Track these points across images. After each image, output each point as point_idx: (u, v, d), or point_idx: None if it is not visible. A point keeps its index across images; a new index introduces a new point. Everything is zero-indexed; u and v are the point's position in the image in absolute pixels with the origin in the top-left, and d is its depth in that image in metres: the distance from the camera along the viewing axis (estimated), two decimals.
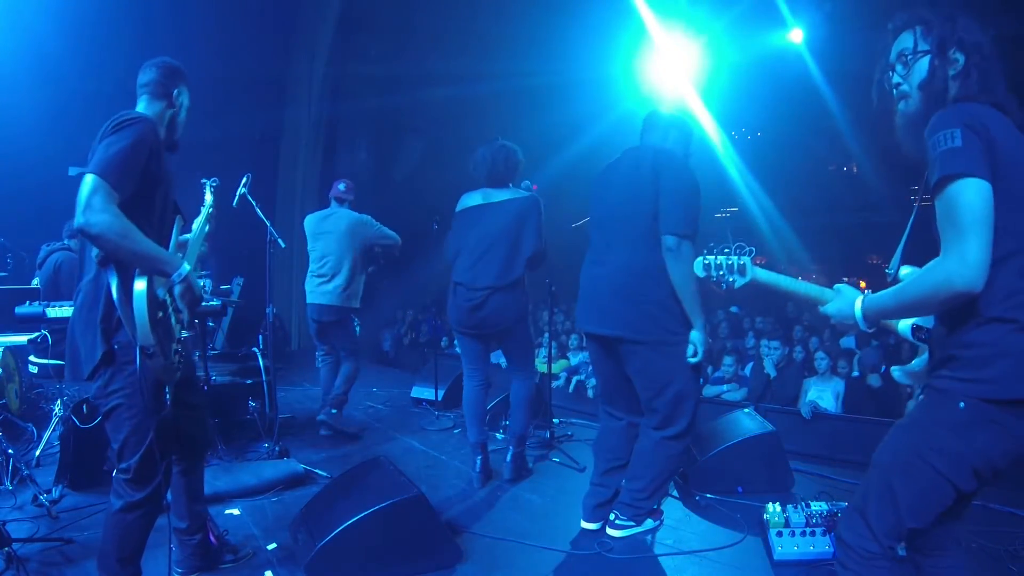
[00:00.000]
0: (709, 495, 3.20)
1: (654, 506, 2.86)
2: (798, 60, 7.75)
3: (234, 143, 6.67)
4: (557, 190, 6.21)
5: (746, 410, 3.80)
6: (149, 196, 1.92)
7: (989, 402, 1.35)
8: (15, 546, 2.32)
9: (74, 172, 1.77)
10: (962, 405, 1.37)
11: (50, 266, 4.46)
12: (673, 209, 2.50)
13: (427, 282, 8.23)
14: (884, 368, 5.28)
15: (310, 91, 8.82)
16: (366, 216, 4.37)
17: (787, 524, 2.62)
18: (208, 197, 2.40)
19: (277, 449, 3.69)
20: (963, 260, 1.30)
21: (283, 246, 3.82)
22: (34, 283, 4.86)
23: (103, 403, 1.93)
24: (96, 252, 1.87)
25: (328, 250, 4.26)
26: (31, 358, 4.27)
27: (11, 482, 3.00)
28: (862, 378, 5.26)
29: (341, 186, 4.43)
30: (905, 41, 1.53)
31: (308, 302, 4.30)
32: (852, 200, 10.32)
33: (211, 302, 3.68)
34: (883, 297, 1.51)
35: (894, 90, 1.56)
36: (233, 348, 5.97)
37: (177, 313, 1.98)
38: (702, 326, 2.60)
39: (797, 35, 7.57)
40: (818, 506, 2.70)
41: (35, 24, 5.61)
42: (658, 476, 2.74)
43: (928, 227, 1.47)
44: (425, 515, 2.48)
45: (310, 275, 4.32)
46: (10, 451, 3.04)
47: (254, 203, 3.46)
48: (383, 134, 10.00)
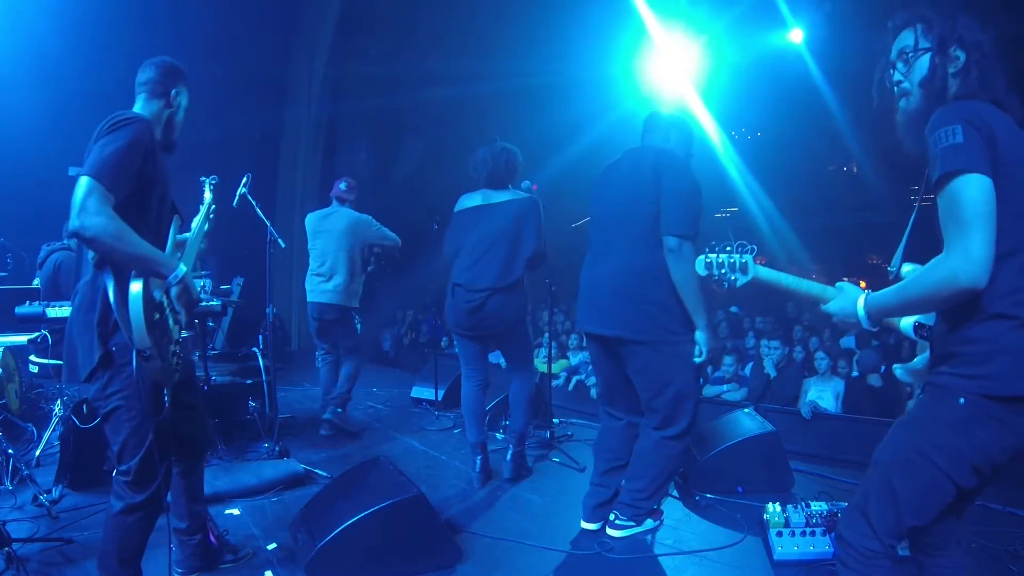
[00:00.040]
0: (709, 495, 3.20)
1: (654, 506, 2.86)
2: (798, 60, 7.75)
3: (234, 143, 6.66)
4: (557, 190, 6.21)
5: (746, 410, 3.80)
6: (145, 197, 1.91)
7: (989, 398, 1.35)
8: (15, 546, 2.32)
9: (74, 172, 1.77)
10: (962, 401, 1.37)
11: (50, 266, 4.46)
12: (674, 210, 2.49)
13: (427, 282, 8.21)
14: (884, 368, 5.28)
15: (310, 91, 8.82)
16: (366, 216, 4.36)
17: (787, 524, 2.62)
18: (207, 195, 2.39)
19: (277, 449, 3.69)
20: (967, 256, 1.30)
21: (283, 246, 3.82)
22: (34, 283, 4.86)
23: (102, 405, 1.92)
24: (92, 254, 1.86)
25: (327, 249, 4.26)
26: (31, 358, 4.28)
27: (11, 482, 2.99)
28: (862, 378, 5.26)
29: (342, 185, 4.40)
30: (906, 39, 1.53)
31: (308, 300, 4.30)
32: (852, 200, 10.32)
33: (211, 302, 3.68)
34: (886, 295, 1.50)
35: (895, 88, 1.56)
36: (233, 348, 5.98)
37: (175, 314, 1.97)
38: (705, 326, 2.60)
39: (797, 35, 7.57)
40: (818, 506, 2.70)
41: (35, 24, 5.61)
42: (658, 476, 2.74)
43: (929, 226, 1.47)
44: (425, 515, 2.48)
45: (310, 274, 4.32)
46: (10, 451, 3.04)
47: (254, 203, 3.46)
48: (383, 134, 10.00)
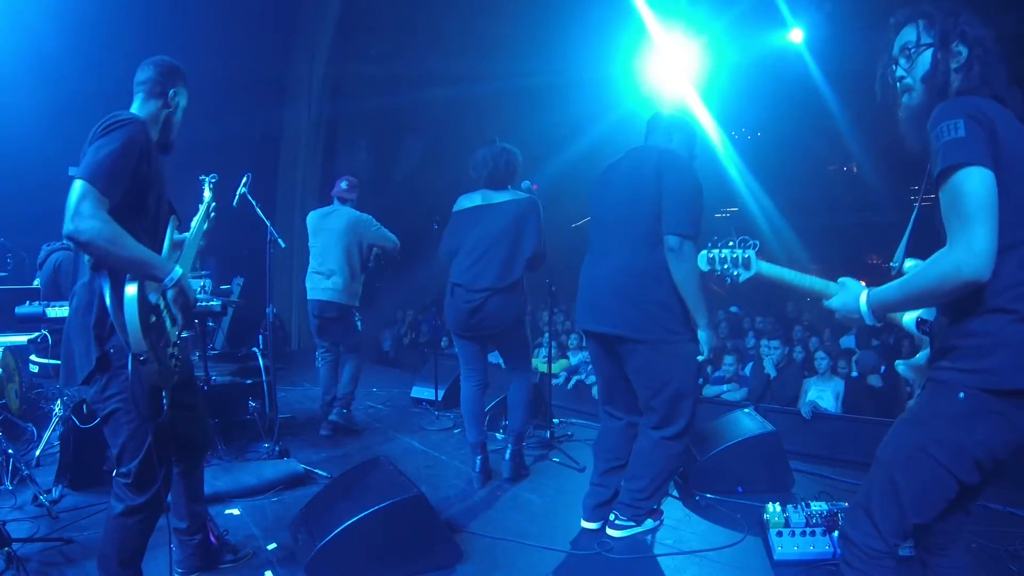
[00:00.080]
0: (709, 495, 3.20)
1: (654, 506, 2.86)
2: (798, 60, 7.76)
3: (234, 143, 6.66)
4: (557, 190, 6.22)
5: (746, 410, 3.80)
6: (141, 198, 1.90)
7: (989, 392, 1.35)
8: (15, 546, 2.32)
9: (73, 172, 1.76)
10: (962, 396, 1.37)
11: (50, 266, 4.46)
12: (676, 209, 2.49)
13: (427, 282, 8.22)
14: (884, 369, 5.28)
15: (310, 91, 8.82)
16: (367, 215, 4.35)
17: (787, 524, 2.62)
18: (207, 194, 2.38)
19: (277, 449, 3.69)
20: (970, 249, 1.30)
21: (283, 246, 3.82)
22: (35, 283, 4.86)
23: (100, 408, 1.91)
24: (88, 256, 1.86)
25: (327, 248, 4.26)
26: (32, 357, 4.28)
27: (11, 482, 2.99)
28: (862, 378, 5.26)
29: (343, 184, 4.39)
30: (908, 35, 1.53)
31: (309, 298, 4.30)
32: (852, 200, 10.32)
33: (211, 302, 3.68)
34: (888, 289, 1.50)
35: (898, 84, 1.56)
36: (233, 348, 5.98)
37: (172, 317, 1.96)
38: (707, 324, 2.60)
39: (797, 35, 7.58)
40: (818, 506, 2.70)
41: (35, 24, 5.62)
42: (657, 476, 2.74)
43: (930, 225, 1.47)
44: (425, 515, 2.48)
45: (311, 272, 4.32)
46: (10, 451, 3.04)
47: (254, 203, 3.45)
48: (383, 134, 10.00)
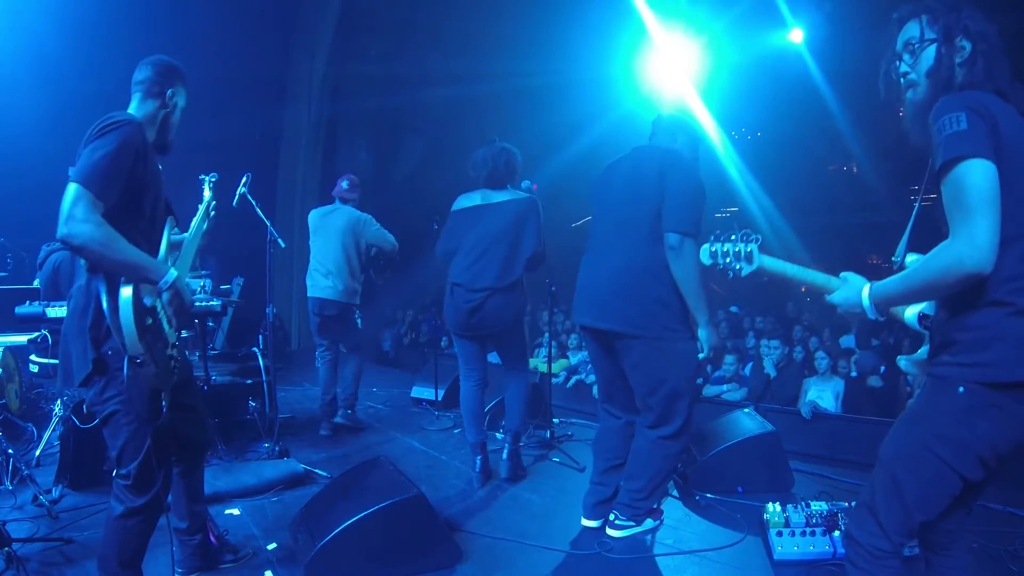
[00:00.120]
0: (709, 495, 3.20)
1: (653, 506, 2.86)
2: (798, 60, 7.76)
3: (234, 143, 6.66)
4: (557, 190, 6.21)
5: (746, 410, 3.80)
6: (137, 201, 1.89)
7: (988, 386, 1.34)
8: (15, 546, 2.32)
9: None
10: (961, 390, 1.37)
11: (50, 266, 4.45)
12: (677, 207, 2.50)
13: (427, 282, 8.22)
14: (884, 369, 5.28)
15: (310, 91, 8.82)
16: (367, 215, 4.36)
17: (787, 524, 2.62)
18: (207, 193, 2.38)
19: (277, 449, 3.69)
20: (972, 241, 1.30)
21: (283, 246, 3.82)
22: (35, 283, 4.86)
23: (99, 410, 1.91)
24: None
25: (327, 246, 4.26)
26: (32, 357, 4.28)
27: (11, 482, 2.99)
28: (862, 378, 5.26)
29: (344, 184, 4.40)
30: (911, 30, 1.53)
31: (309, 296, 4.30)
32: (852, 200, 10.34)
33: (211, 302, 3.68)
34: (891, 283, 1.49)
35: (902, 79, 1.55)
36: (233, 348, 5.98)
37: (169, 318, 1.95)
38: (707, 322, 2.59)
39: (797, 35, 7.58)
40: (818, 506, 2.70)
41: (35, 24, 5.61)
42: (656, 476, 2.74)
43: (931, 223, 1.47)
44: (425, 515, 2.48)
45: (311, 270, 4.33)
46: (10, 451, 3.04)
47: (254, 203, 3.45)
48: (383, 134, 10.00)
